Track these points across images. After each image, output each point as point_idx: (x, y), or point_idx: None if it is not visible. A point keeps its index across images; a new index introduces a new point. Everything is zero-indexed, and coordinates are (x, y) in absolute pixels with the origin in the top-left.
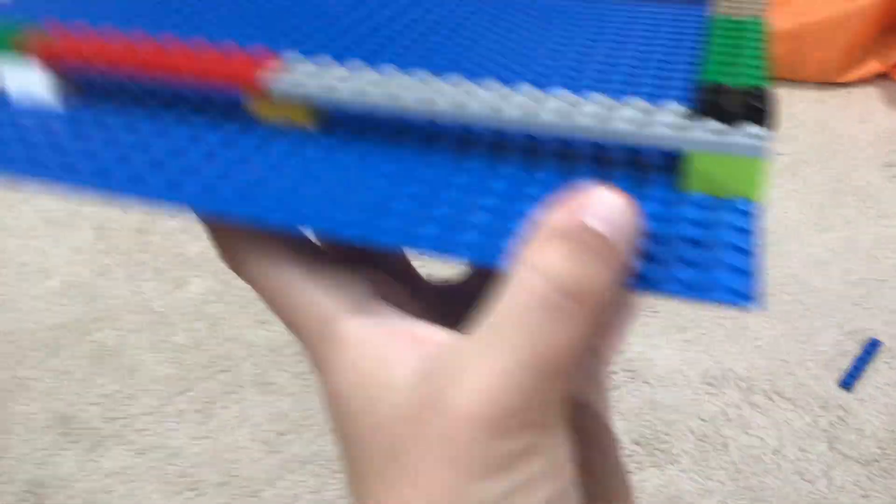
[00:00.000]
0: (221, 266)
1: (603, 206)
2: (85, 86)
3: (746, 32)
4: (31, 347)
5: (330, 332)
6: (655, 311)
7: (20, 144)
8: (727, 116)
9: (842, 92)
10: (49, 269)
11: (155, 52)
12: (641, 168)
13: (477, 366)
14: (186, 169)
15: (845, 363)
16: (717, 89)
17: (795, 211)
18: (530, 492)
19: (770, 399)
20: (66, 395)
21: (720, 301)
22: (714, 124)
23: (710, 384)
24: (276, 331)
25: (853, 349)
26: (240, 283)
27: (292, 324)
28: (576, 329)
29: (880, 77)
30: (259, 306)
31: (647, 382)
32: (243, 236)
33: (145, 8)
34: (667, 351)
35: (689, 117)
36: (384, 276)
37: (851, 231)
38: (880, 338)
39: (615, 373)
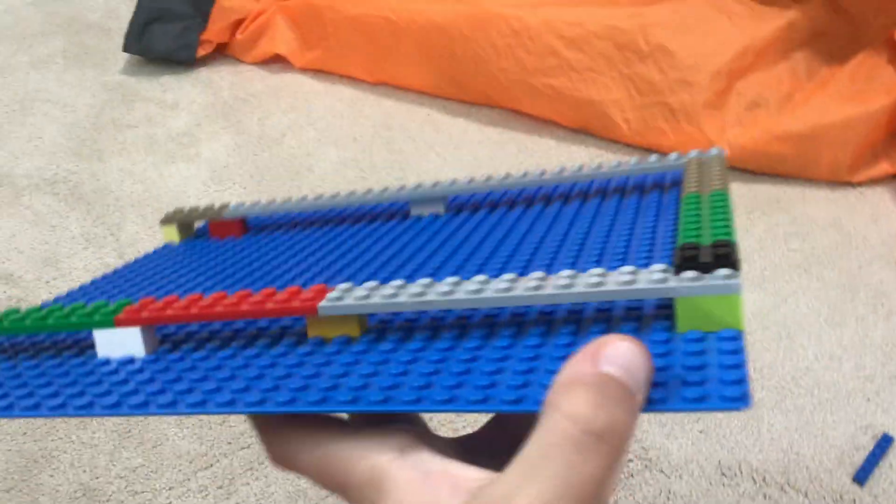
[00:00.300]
0: None
1: (620, 355)
2: (166, 335)
3: (712, 202)
4: (60, 419)
5: (378, 478)
6: None
7: (119, 389)
8: (703, 267)
9: (854, 192)
10: None
11: (228, 306)
12: (642, 319)
13: (518, 496)
14: (253, 377)
15: (859, 458)
16: (693, 247)
17: (808, 307)
18: None
19: (784, 491)
20: (91, 467)
21: (718, 409)
22: (693, 274)
23: (724, 475)
24: None
25: (866, 444)
26: None
27: (343, 484)
28: (603, 462)
29: (891, 178)
30: None
31: (663, 472)
32: (288, 432)
33: (219, 268)
34: (682, 441)
35: (673, 272)
36: (414, 427)
37: (864, 327)
38: (893, 433)
39: (630, 461)
